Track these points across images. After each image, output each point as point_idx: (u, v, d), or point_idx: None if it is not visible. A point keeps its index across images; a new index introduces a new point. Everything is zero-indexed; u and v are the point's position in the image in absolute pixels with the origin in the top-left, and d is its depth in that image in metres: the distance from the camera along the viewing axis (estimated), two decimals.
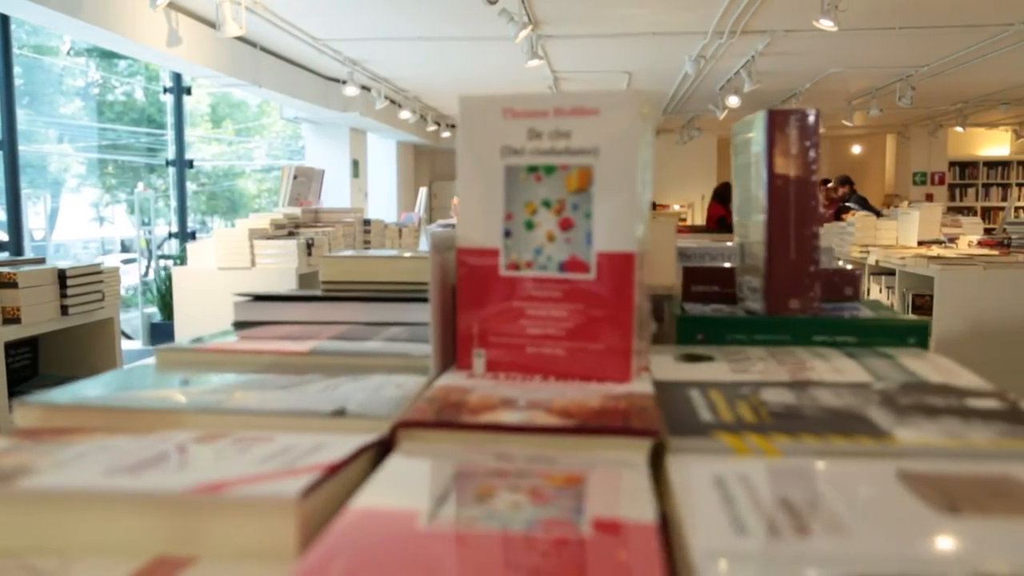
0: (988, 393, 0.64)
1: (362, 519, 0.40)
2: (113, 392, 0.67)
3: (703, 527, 0.40)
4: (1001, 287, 4.03)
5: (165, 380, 0.71)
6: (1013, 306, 4.00)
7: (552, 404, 0.58)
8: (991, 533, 0.40)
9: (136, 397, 0.65)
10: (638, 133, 0.65)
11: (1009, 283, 4.03)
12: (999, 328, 4.01)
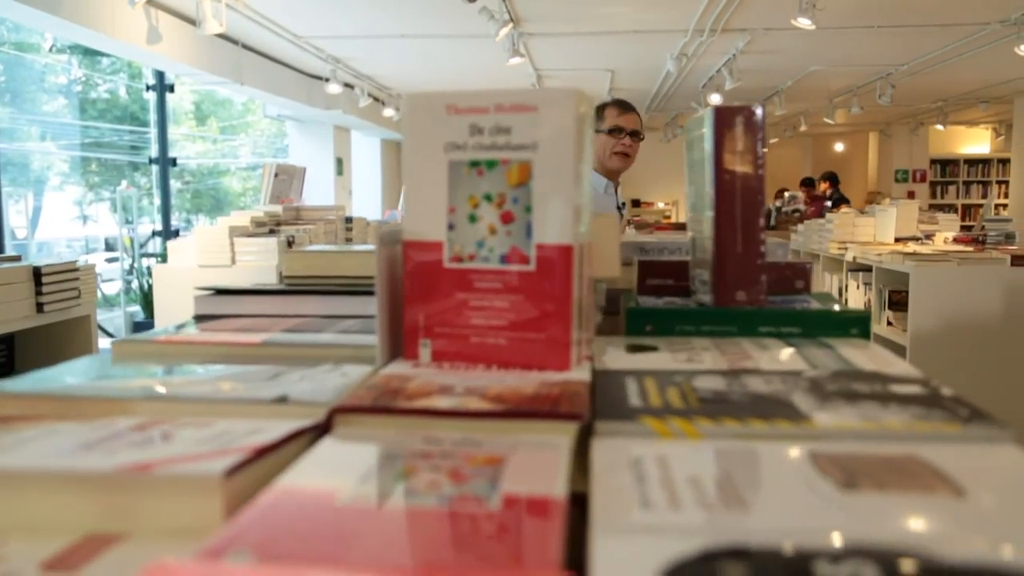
0: (913, 380, 0.66)
1: (282, 496, 0.42)
2: (66, 382, 0.68)
3: (610, 502, 0.42)
4: (975, 283, 4.07)
5: (118, 370, 0.73)
6: (986, 301, 4.05)
7: (488, 391, 0.60)
8: (879, 506, 0.42)
9: (87, 386, 0.66)
10: (575, 130, 0.67)
11: (982, 279, 4.07)
12: (972, 323, 4.06)
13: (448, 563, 0.34)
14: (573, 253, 0.67)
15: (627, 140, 3.26)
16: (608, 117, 3.27)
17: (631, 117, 3.30)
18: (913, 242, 4.92)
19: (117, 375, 0.71)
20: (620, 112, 3.29)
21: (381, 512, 0.40)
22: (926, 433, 0.54)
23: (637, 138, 3.30)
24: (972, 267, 4.12)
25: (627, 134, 3.26)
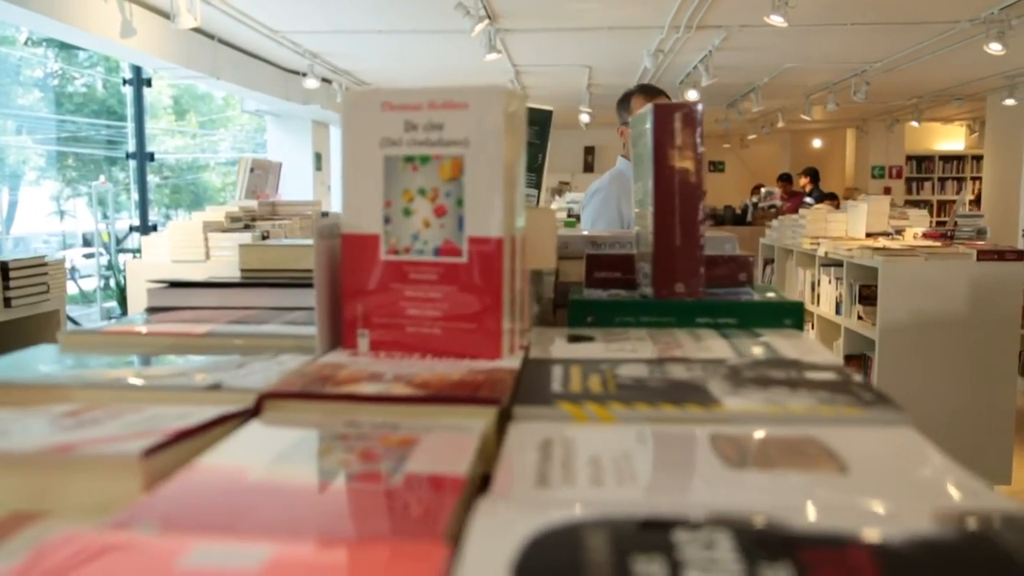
0: (828, 367, 0.69)
1: (197, 474, 0.44)
2: (12, 370, 0.70)
3: (508, 478, 0.45)
4: (942, 277, 4.13)
5: (63, 359, 0.74)
6: (953, 295, 4.11)
7: (415, 378, 0.62)
8: (759, 483, 0.44)
9: (28, 374, 0.68)
10: (504, 126, 0.69)
11: (949, 273, 4.13)
12: (939, 316, 4.12)
13: (334, 531, 0.36)
14: (504, 245, 0.70)
15: None
16: (634, 106, 3.14)
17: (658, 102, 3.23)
18: (883, 237, 4.98)
19: (60, 364, 0.73)
20: (645, 99, 3.12)
21: (287, 488, 0.42)
22: (828, 416, 0.57)
23: None
24: (939, 262, 4.18)
25: None
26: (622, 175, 3.20)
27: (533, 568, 0.31)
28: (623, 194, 3.10)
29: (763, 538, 0.34)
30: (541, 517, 0.35)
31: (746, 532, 0.34)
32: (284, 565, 0.32)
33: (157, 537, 0.35)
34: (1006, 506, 0.41)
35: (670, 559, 0.32)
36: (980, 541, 0.34)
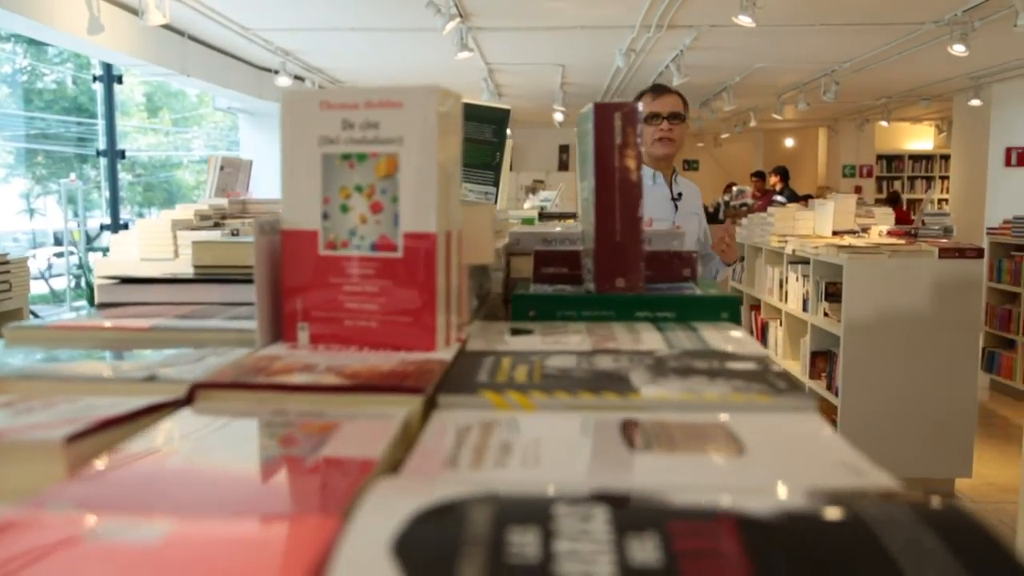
0: (752, 358, 0.72)
1: (120, 458, 0.46)
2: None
3: (419, 461, 0.47)
4: (905, 274, 4.20)
5: (6, 353, 0.76)
6: (915, 292, 4.17)
7: (346, 369, 0.64)
8: (657, 464, 0.47)
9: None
10: (438, 125, 0.71)
11: (912, 270, 4.20)
12: (902, 313, 4.19)
13: (240, 509, 0.38)
14: (437, 241, 0.72)
15: (665, 125, 3.10)
16: (644, 105, 3.11)
17: (667, 100, 3.14)
18: (849, 235, 5.05)
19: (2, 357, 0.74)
20: (654, 97, 3.15)
21: (203, 471, 0.44)
22: (740, 403, 0.59)
23: (678, 120, 3.13)
24: (903, 259, 4.25)
25: (664, 118, 3.10)
26: None
27: (414, 539, 0.33)
28: None
29: (637, 512, 0.36)
30: (430, 493, 0.37)
31: (623, 507, 0.36)
32: (181, 538, 0.34)
33: (65, 515, 0.37)
34: (884, 485, 0.44)
35: (545, 530, 0.34)
36: (843, 514, 0.37)
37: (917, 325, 4.19)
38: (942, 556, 0.33)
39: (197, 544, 0.34)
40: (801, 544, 0.34)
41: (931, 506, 0.38)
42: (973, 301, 4.24)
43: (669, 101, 3.14)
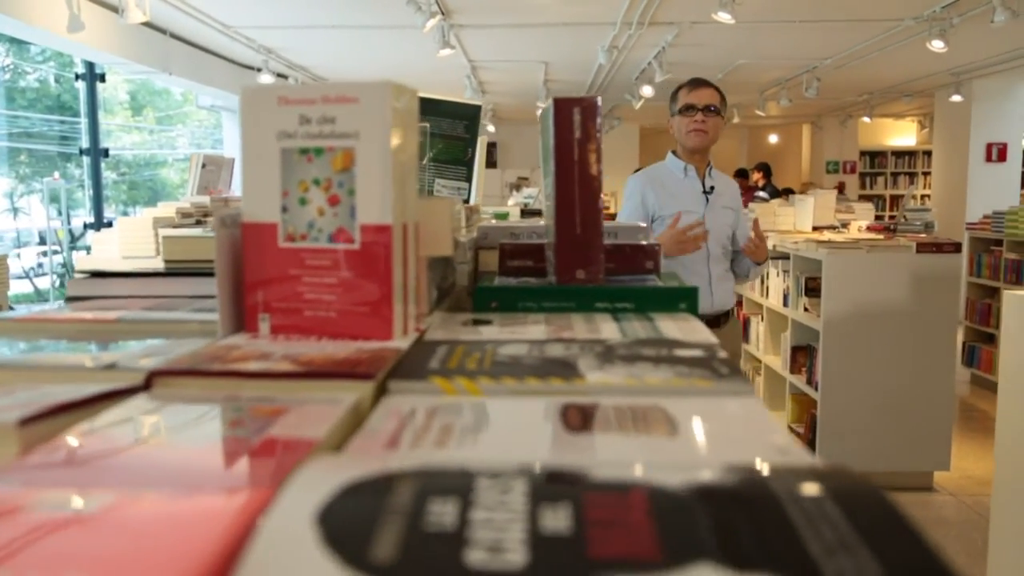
0: (699, 346, 0.74)
1: (71, 439, 0.47)
2: None
3: (362, 442, 0.48)
4: (883, 269, 4.23)
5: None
6: (894, 286, 4.21)
7: (301, 357, 0.66)
8: (590, 444, 0.49)
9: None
10: (392, 120, 0.73)
11: (890, 265, 4.24)
12: (881, 307, 4.23)
13: (180, 485, 0.40)
14: (393, 232, 0.74)
15: (700, 116, 3.06)
16: (680, 98, 3.13)
17: (703, 92, 3.10)
18: (829, 230, 5.09)
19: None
20: (690, 89, 3.12)
21: (150, 451, 0.46)
22: (681, 388, 0.61)
23: (713, 112, 3.08)
24: (880, 254, 4.28)
25: (699, 110, 3.06)
26: (658, 167, 3.24)
27: (338, 509, 0.35)
28: (651, 185, 3.13)
29: (555, 485, 0.38)
30: (360, 469, 0.39)
31: (542, 480, 0.38)
32: (115, 510, 0.35)
33: (11, 491, 0.39)
34: (802, 463, 0.46)
35: (464, 500, 0.36)
36: (752, 486, 0.39)
37: (895, 319, 4.23)
38: (839, 522, 0.35)
39: (130, 515, 0.35)
40: (706, 513, 0.36)
41: (839, 481, 0.40)
42: (951, 295, 4.28)
43: (705, 94, 3.09)
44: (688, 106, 3.07)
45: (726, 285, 3.18)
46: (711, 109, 3.07)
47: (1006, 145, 9.28)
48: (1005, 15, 5.08)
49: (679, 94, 3.13)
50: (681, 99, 3.11)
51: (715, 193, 3.16)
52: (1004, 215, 6.20)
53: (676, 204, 3.06)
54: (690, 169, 3.14)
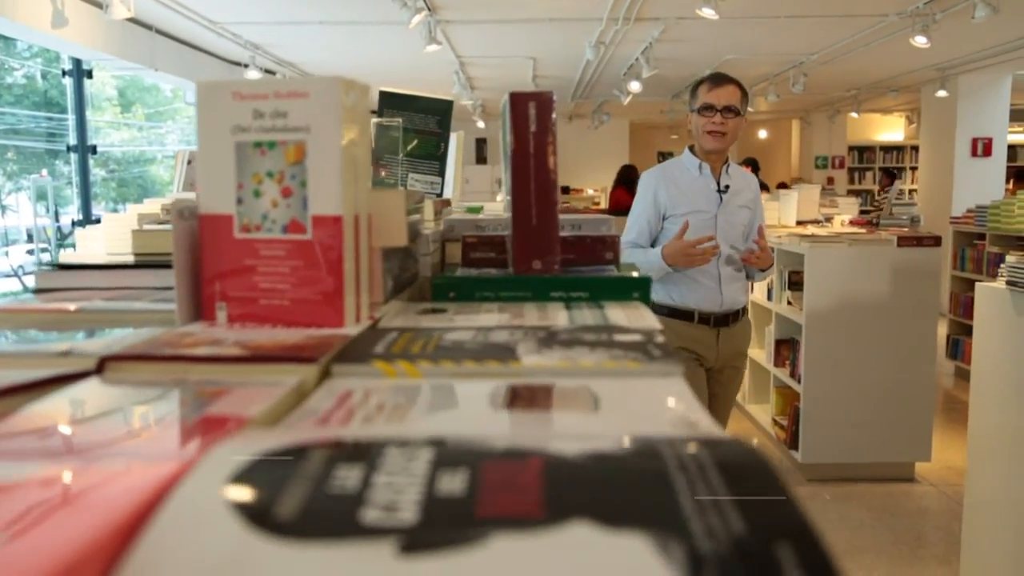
0: (640, 331, 0.77)
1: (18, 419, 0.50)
2: None
3: (293, 420, 0.51)
4: (864, 262, 4.27)
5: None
6: (875, 280, 4.25)
7: (251, 343, 0.68)
8: (509, 419, 0.51)
9: None
10: (342, 114, 0.75)
11: (871, 258, 4.28)
12: (862, 300, 4.26)
13: (109, 455, 0.42)
14: (344, 223, 0.76)
15: (718, 118, 2.92)
16: (700, 95, 2.98)
17: (724, 91, 2.94)
18: (813, 225, 5.13)
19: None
20: (711, 87, 2.96)
21: (89, 428, 0.48)
22: (611, 369, 0.64)
23: (732, 114, 2.93)
24: (862, 248, 4.32)
25: (718, 111, 2.92)
26: (674, 163, 3.15)
27: (250, 475, 0.37)
28: (664, 182, 3.04)
29: (458, 453, 0.41)
30: (279, 441, 0.41)
31: (446, 449, 0.41)
32: (41, 477, 0.38)
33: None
34: (702, 435, 0.49)
35: (370, 466, 0.38)
36: (643, 454, 0.42)
37: (877, 312, 4.27)
38: (718, 487, 0.38)
39: (54, 483, 0.38)
40: (595, 477, 0.39)
41: (728, 451, 0.43)
42: (931, 288, 4.32)
43: (725, 93, 2.93)
44: (707, 106, 2.93)
45: (737, 284, 3.08)
46: (730, 110, 2.93)
47: (991, 140, 9.35)
48: (986, 11, 5.13)
49: (699, 90, 2.99)
50: (700, 97, 2.97)
51: (730, 192, 3.05)
52: (987, 209, 6.26)
53: (688, 203, 2.99)
54: (705, 167, 3.03)
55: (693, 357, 3.05)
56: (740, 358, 3.18)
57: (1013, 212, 5.92)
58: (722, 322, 3.04)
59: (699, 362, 3.07)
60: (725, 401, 3.20)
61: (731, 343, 3.08)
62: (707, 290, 3.00)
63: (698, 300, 3.01)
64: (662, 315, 2.99)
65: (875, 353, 4.30)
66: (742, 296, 3.12)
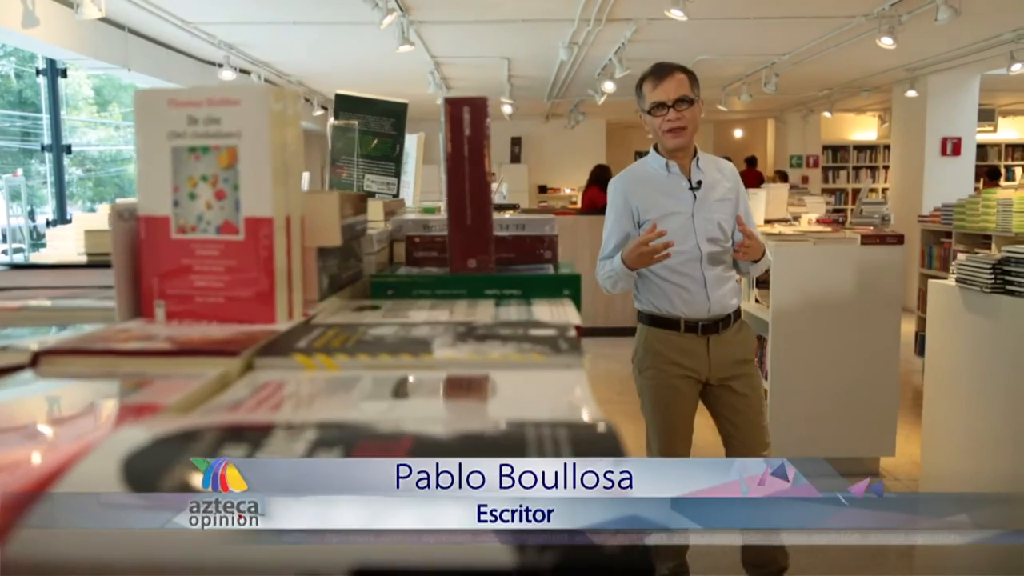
0: (556, 326, 0.81)
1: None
2: None
3: (206, 407, 0.55)
4: (829, 260, 4.35)
5: None
6: (839, 278, 4.33)
7: (180, 338, 0.72)
8: (405, 406, 0.56)
9: None
10: (272, 120, 0.79)
11: (836, 257, 4.35)
12: (827, 298, 4.34)
13: (28, 440, 0.46)
14: (274, 224, 0.80)
15: (672, 114, 2.68)
16: (645, 94, 2.74)
17: (670, 83, 2.69)
18: (780, 223, 5.20)
19: None
20: (656, 83, 2.72)
21: (15, 414, 0.52)
22: (517, 361, 0.68)
23: (686, 104, 2.69)
24: (827, 246, 4.40)
25: (670, 107, 2.68)
26: (640, 165, 2.92)
27: (143, 453, 0.42)
28: (633, 187, 2.82)
29: (338, 435, 0.45)
30: (177, 425, 0.46)
31: (328, 431, 0.45)
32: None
33: None
34: (575, 419, 0.53)
35: (256, 445, 0.43)
36: (509, 436, 0.46)
37: (841, 310, 4.34)
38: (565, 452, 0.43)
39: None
40: (458, 453, 0.43)
41: (586, 431, 0.47)
42: (893, 285, 4.40)
43: (672, 84, 2.69)
44: (657, 104, 2.70)
45: (726, 287, 2.81)
46: (683, 101, 2.68)
47: (960, 139, 9.48)
48: (948, 13, 5.22)
49: (643, 89, 2.75)
50: (647, 96, 2.73)
51: (704, 187, 2.78)
52: (953, 208, 6.36)
53: (661, 205, 2.76)
54: (672, 165, 2.77)
55: (683, 374, 2.78)
56: (742, 366, 2.84)
57: (978, 211, 6.03)
58: (711, 329, 2.77)
59: (691, 377, 2.80)
60: (748, 418, 2.83)
61: (725, 352, 2.80)
62: (692, 295, 2.75)
63: (683, 307, 2.76)
64: (647, 324, 2.82)
65: (840, 350, 4.38)
66: (732, 299, 2.84)
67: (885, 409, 4.44)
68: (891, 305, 4.42)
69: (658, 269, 2.72)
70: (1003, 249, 2.78)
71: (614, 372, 6.68)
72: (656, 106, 2.69)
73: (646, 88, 2.74)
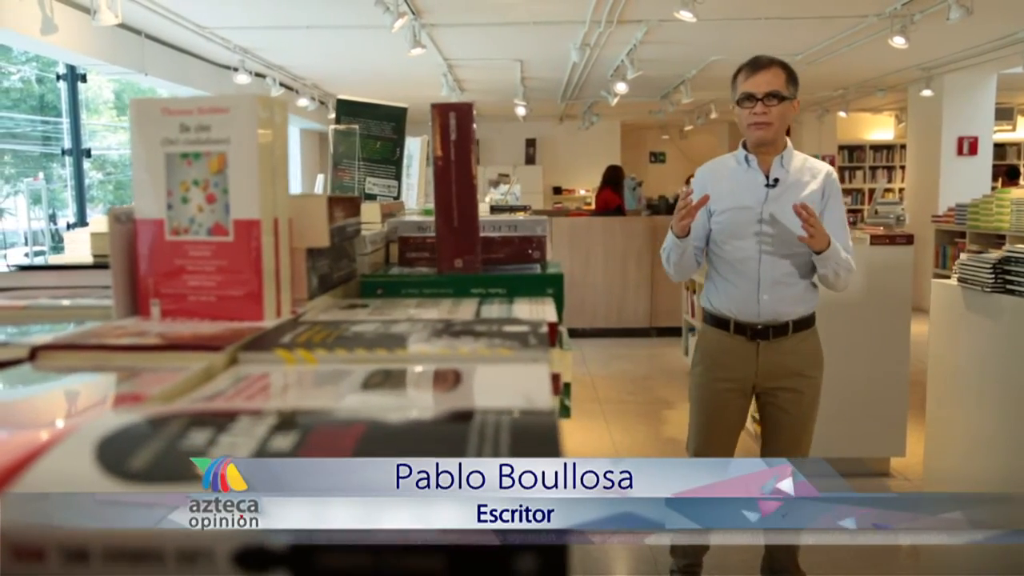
0: (529, 323, 0.85)
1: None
2: None
3: (188, 397, 0.59)
4: None
5: None
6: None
7: (171, 334, 0.77)
8: (371, 396, 0.60)
9: None
10: (259, 128, 0.83)
11: None
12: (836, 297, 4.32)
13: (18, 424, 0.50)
14: (262, 226, 0.84)
15: (759, 107, 2.58)
16: (739, 84, 2.66)
17: (762, 77, 2.60)
18: None
19: None
20: (749, 74, 2.63)
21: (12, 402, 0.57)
22: (485, 356, 0.72)
23: (775, 100, 2.59)
24: None
25: (759, 100, 2.59)
26: (722, 158, 2.84)
27: (117, 436, 0.46)
28: (709, 179, 2.76)
29: (297, 420, 0.49)
30: (151, 412, 0.50)
31: (288, 418, 0.49)
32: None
33: None
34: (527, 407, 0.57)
35: (220, 430, 0.47)
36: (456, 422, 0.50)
37: (851, 310, 4.35)
38: (504, 443, 0.46)
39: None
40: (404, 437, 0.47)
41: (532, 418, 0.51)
42: (902, 285, 4.40)
43: (765, 78, 2.59)
44: (746, 95, 2.60)
45: (787, 292, 2.65)
46: (773, 96, 2.58)
47: (977, 139, 9.43)
48: (960, 12, 5.21)
49: (737, 79, 2.67)
50: (739, 87, 2.64)
51: (782, 185, 2.65)
52: (967, 208, 6.34)
53: (730, 198, 2.68)
54: (752, 159, 2.68)
55: (728, 385, 2.70)
56: (794, 379, 2.71)
57: (992, 210, 6.01)
58: (762, 335, 2.65)
59: (737, 390, 2.71)
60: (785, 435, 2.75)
61: (776, 360, 2.67)
62: (742, 295, 2.64)
63: (734, 307, 2.67)
64: (704, 322, 2.76)
65: (850, 350, 4.38)
66: (794, 307, 2.68)
67: (895, 409, 4.44)
68: (901, 305, 4.43)
69: (719, 263, 2.69)
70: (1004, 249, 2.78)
71: (627, 372, 6.71)
72: (745, 97, 2.61)
73: (740, 78, 2.66)
